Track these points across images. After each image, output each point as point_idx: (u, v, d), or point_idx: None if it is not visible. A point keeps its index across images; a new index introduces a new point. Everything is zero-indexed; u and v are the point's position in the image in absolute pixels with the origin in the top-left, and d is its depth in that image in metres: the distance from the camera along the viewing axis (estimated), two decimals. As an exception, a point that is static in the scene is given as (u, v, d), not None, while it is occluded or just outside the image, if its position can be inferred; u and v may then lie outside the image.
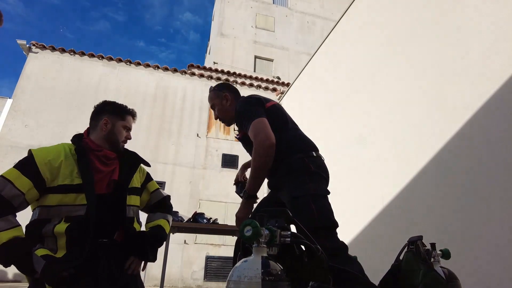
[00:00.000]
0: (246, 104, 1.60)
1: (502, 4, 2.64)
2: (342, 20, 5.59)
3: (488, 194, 2.43)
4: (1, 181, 1.31)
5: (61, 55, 7.78)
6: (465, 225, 2.48)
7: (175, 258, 6.82)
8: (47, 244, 1.35)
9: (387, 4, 4.28)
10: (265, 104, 1.67)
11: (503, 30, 2.58)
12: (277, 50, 12.97)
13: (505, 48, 2.54)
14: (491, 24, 2.71)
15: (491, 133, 2.53)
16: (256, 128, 1.46)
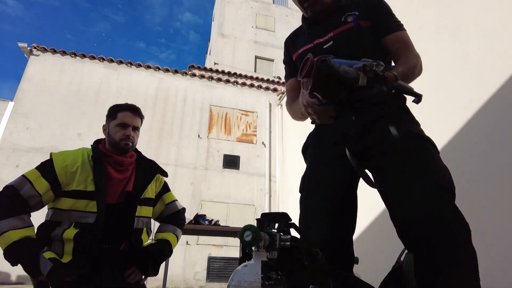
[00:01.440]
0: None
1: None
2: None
3: (492, 195, 2.42)
4: (21, 180, 1.36)
5: (62, 57, 7.80)
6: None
7: (178, 259, 6.84)
8: (54, 248, 1.37)
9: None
10: None
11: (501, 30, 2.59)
12: (277, 50, 12.96)
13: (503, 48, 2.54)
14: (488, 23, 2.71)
15: (493, 135, 2.53)
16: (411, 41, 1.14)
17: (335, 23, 1.17)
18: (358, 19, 1.15)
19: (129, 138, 1.53)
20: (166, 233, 1.67)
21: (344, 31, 1.14)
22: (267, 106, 8.69)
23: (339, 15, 1.18)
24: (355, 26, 1.14)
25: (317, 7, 1.17)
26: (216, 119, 8.37)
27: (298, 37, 1.31)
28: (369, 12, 1.16)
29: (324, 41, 1.17)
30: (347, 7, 1.20)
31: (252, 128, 8.54)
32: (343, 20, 1.16)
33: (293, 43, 1.34)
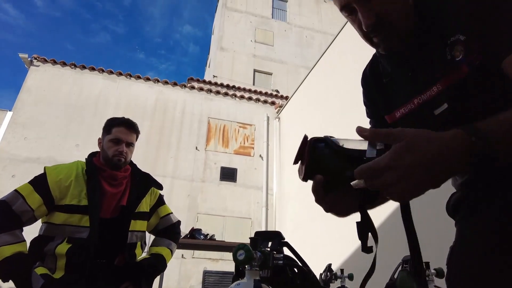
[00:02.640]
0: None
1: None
2: (339, 35, 5.70)
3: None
4: (14, 195, 1.35)
5: (62, 68, 7.87)
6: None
7: (173, 273, 6.75)
8: (47, 263, 1.36)
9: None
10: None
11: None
12: (276, 63, 13.13)
13: None
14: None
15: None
16: None
17: (440, 62, 0.70)
18: (469, 52, 0.66)
19: (122, 154, 1.52)
20: (161, 247, 1.67)
21: (459, 82, 0.68)
22: (265, 119, 8.75)
23: (439, 42, 0.71)
24: (472, 72, 0.66)
25: (394, 42, 0.73)
26: (214, 132, 8.40)
27: (380, 81, 0.86)
28: (476, 26, 0.66)
29: (430, 99, 0.72)
30: (444, 25, 0.70)
31: (250, 140, 8.57)
32: (450, 56, 0.68)
33: (375, 89, 0.88)
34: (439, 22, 0.71)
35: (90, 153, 1.61)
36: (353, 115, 4.61)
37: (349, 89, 4.91)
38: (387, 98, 0.84)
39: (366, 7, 0.68)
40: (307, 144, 0.63)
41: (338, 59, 5.69)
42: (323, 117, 5.93)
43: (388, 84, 0.82)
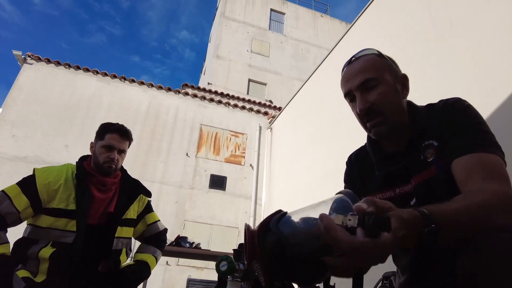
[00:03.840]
0: (483, 120, 0.85)
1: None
2: (334, 50, 5.81)
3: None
4: (1, 196, 1.34)
5: (56, 67, 7.81)
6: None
7: (156, 280, 6.65)
8: (29, 266, 1.34)
9: (378, 37, 4.48)
10: None
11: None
12: (270, 74, 13.26)
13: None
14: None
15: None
16: (504, 171, 0.75)
17: (415, 162, 0.86)
18: (439, 156, 0.83)
19: (113, 161, 1.51)
20: (146, 254, 1.66)
21: (425, 181, 0.84)
22: (257, 129, 8.79)
23: (418, 143, 0.88)
24: (438, 175, 0.82)
25: (382, 129, 0.88)
26: (205, 139, 8.40)
27: (367, 167, 1.00)
28: (445, 132, 0.84)
29: (407, 192, 0.87)
30: (427, 128, 0.88)
31: (241, 149, 8.59)
32: (423, 157, 0.85)
33: (359, 172, 1.03)
34: (422, 128, 0.88)
35: (81, 157, 1.60)
36: (343, 130, 4.68)
37: (340, 104, 4.98)
38: (368, 182, 0.98)
39: (363, 96, 0.87)
40: (256, 243, 0.51)
41: (332, 74, 5.78)
42: (314, 130, 5.99)
43: (373, 171, 0.96)
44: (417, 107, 0.94)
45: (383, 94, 0.86)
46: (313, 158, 5.70)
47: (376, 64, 0.89)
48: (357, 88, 0.88)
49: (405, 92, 0.93)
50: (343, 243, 0.47)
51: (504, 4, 2.73)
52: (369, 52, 0.93)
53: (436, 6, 3.58)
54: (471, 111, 0.85)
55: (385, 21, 4.50)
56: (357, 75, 0.88)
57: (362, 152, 1.07)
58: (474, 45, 2.96)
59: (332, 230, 0.47)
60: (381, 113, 0.87)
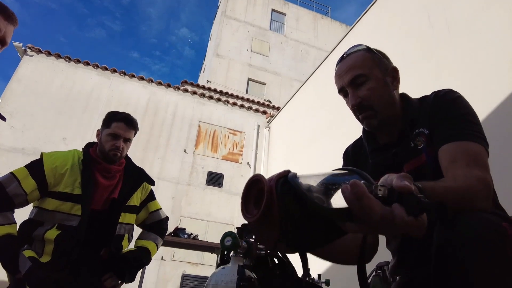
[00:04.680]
0: (472, 111, 0.89)
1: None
2: (334, 52, 5.87)
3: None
4: (9, 178, 1.37)
5: (56, 60, 7.82)
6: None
7: (151, 274, 6.68)
8: (35, 247, 1.38)
9: (378, 40, 4.55)
10: None
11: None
12: (270, 74, 13.32)
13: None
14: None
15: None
16: (486, 161, 0.80)
17: (406, 150, 0.91)
18: (429, 144, 0.88)
19: (118, 149, 1.54)
20: (147, 241, 1.70)
21: (416, 169, 0.88)
22: (255, 128, 8.84)
23: (409, 132, 0.92)
24: (427, 162, 0.87)
25: (373, 122, 0.93)
26: (203, 136, 8.43)
27: (362, 157, 1.05)
28: (435, 121, 0.89)
29: None
30: (418, 117, 0.93)
31: (239, 147, 8.63)
32: (413, 145, 0.90)
33: (355, 162, 1.08)
34: (413, 118, 0.93)
35: (87, 144, 1.64)
36: (340, 131, 4.74)
37: (338, 106, 5.05)
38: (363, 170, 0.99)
39: (354, 92, 0.94)
40: (275, 195, 0.46)
41: (331, 76, 5.83)
42: (312, 130, 6.05)
43: (366, 160, 1.01)
44: (410, 99, 1.00)
45: (372, 90, 0.92)
46: (310, 158, 5.76)
47: (365, 61, 0.95)
48: (348, 84, 0.94)
49: (395, 84, 0.98)
50: (375, 214, 0.43)
51: (504, 8, 2.80)
52: (359, 48, 0.98)
53: (434, 10, 3.65)
54: (461, 102, 0.89)
55: (384, 24, 4.57)
56: (348, 72, 0.94)
57: (358, 143, 1.13)
58: (473, 49, 3.03)
59: (365, 198, 0.43)
60: (371, 107, 0.93)
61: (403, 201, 0.45)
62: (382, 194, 0.45)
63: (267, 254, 0.85)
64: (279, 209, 0.45)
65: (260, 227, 0.48)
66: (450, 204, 0.62)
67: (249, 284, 0.72)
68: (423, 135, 0.90)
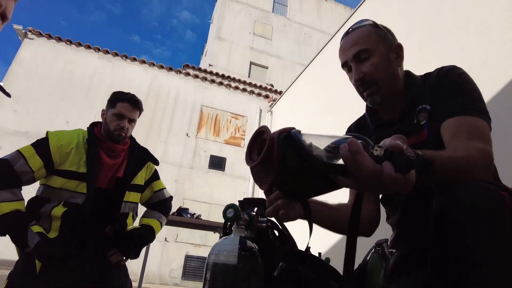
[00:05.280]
0: (475, 86, 0.89)
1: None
2: (337, 35, 5.79)
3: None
4: (16, 156, 1.40)
5: (57, 43, 7.76)
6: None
7: (155, 255, 6.83)
8: (42, 223, 1.42)
9: (381, 22, 4.49)
10: None
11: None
12: (272, 58, 13.18)
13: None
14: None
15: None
16: (488, 135, 0.81)
17: (408, 126, 0.91)
18: (431, 119, 0.88)
19: (123, 129, 1.56)
20: (151, 219, 1.74)
21: (418, 143, 0.88)
22: (257, 112, 8.83)
23: (412, 109, 0.93)
24: (429, 137, 0.88)
25: (377, 98, 0.94)
26: (206, 120, 8.44)
27: (364, 134, 0.98)
28: (438, 97, 0.89)
29: None
30: (421, 94, 0.93)
31: (241, 131, 8.65)
32: (416, 121, 0.91)
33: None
34: (416, 94, 0.93)
35: (91, 123, 1.66)
36: (342, 115, 4.74)
37: (341, 89, 5.02)
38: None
39: (357, 67, 0.93)
40: (276, 145, 0.51)
41: (334, 59, 5.78)
42: (314, 114, 6.04)
43: (370, 137, 0.96)
44: (414, 76, 0.99)
45: (376, 65, 0.92)
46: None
47: (370, 35, 0.94)
48: (352, 59, 0.93)
49: (399, 61, 0.98)
50: (366, 170, 0.46)
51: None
52: (365, 23, 0.98)
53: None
54: (464, 77, 0.89)
55: (389, 7, 4.49)
56: (352, 46, 0.93)
57: (361, 121, 1.13)
58: (478, 33, 2.99)
59: (359, 154, 0.46)
60: (374, 83, 0.92)
61: (393, 159, 0.48)
62: (377, 154, 0.48)
63: (268, 227, 0.87)
64: (277, 157, 0.50)
65: (259, 171, 0.54)
66: (450, 174, 0.66)
67: (250, 254, 0.75)
68: (425, 111, 0.91)
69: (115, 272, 1.51)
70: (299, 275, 0.86)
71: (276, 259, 0.87)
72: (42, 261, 1.33)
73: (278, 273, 0.84)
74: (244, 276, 0.72)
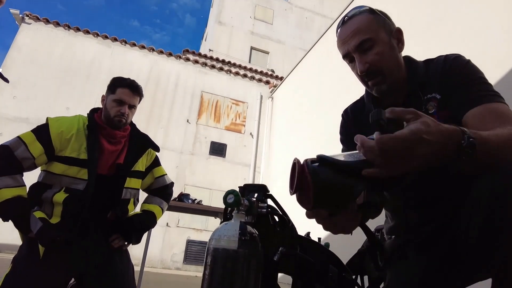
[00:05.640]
0: (482, 73, 0.89)
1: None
2: (339, 19, 5.70)
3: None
4: (16, 142, 1.40)
5: (55, 28, 7.67)
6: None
7: (156, 240, 6.93)
8: (44, 209, 1.43)
9: (384, 7, 4.40)
10: None
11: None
12: (273, 43, 13.02)
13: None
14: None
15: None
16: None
17: None
18: (441, 108, 0.87)
19: (123, 115, 1.54)
20: (153, 205, 1.75)
21: None
22: (258, 98, 8.78)
23: (418, 97, 0.91)
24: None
25: (383, 87, 0.91)
26: (206, 106, 8.41)
27: (363, 120, 1.00)
28: (449, 89, 0.86)
29: None
30: (428, 82, 0.91)
31: (242, 118, 8.63)
32: (424, 110, 0.88)
33: (355, 125, 1.05)
34: (421, 82, 0.91)
35: (91, 109, 1.64)
36: (343, 100, 4.70)
37: (342, 75, 4.98)
38: (364, 135, 0.96)
39: (362, 58, 0.90)
40: (306, 169, 0.60)
41: (335, 44, 5.71)
42: (315, 100, 6.01)
43: (368, 124, 0.93)
44: (416, 62, 0.97)
45: (380, 54, 0.89)
46: (313, 127, 5.76)
47: (370, 23, 0.90)
48: (354, 50, 0.90)
49: (400, 46, 0.95)
50: (367, 145, 0.58)
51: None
52: (362, 9, 0.94)
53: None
54: (473, 65, 0.88)
55: (393, -12, 4.40)
56: (353, 37, 0.89)
57: (358, 106, 1.10)
58: (483, 16, 2.94)
59: (359, 139, 0.59)
60: (380, 72, 0.90)
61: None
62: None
63: (268, 213, 0.88)
64: (310, 174, 0.59)
65: (302, 197, 0.63)
66: (495, 149, 0.64)
67: (250, 239, 0.76)
68: (434, 100, 0.89)
69: (117, 256, 1.53)
70: (299, 260, 0.87)
71: (276, 244, 0.88)
72: (45, 246, 1.35)
73: (278, 257, 0.85)
74: (244, 261, 0.73)
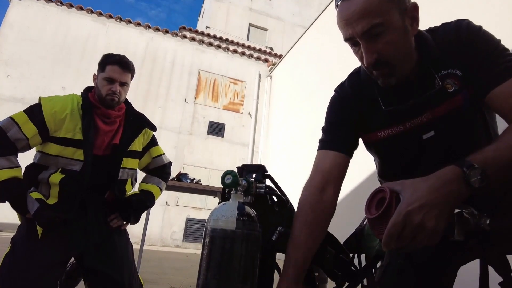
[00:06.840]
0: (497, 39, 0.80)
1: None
2: (339, -5, 5.55)
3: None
4: (9, 123, 1.36)
5: (47, 4, 7.44)
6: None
7: (156, 219, 7.02)
8: (41, 190, 1.42)
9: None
10: None
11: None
12: (272, 20, 12.71)
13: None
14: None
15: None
16: None
17: (432, 94, 0.79)
18: (463, 87, 0.78)
19: (115, 94, 1.48)
20: (151, 184, 1.74)
21: (449, 113, 0.79)
22: (256, 77, 8.67)
23: (431, 75, 0.80)
24: (465, 105, 0.77)
25: (391, 81, 0.80)
26: (204, 85, 8.31)
27: (365, 99, 0.91)
28: (472, 64, 0.77)
29: (421, 125, 0.82)
30: (440, 57, 0.80)
31: (240, 97, 8.55)
32: (441, 88, 0.79)
33: (358, 105, 0.93)
34: (435, 58, 0.80)
35: (85, 88, 1.60)
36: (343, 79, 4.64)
37: (342, 53, 4.89)
38: (369, 116, 0.90)
39: (369, 46, 0.75)
40: (394, 205, 0.63)
41: (335, 21, 5.58)
42: (314, 79, 5.93)
43: (376, 102, 0.86)
44: (426, 37, 0.83)
45: (391, 43, 0.75)
46: (312, 106, 5.72)
47: (381, 2, 0.73)
48: (361, 36, 0.75)
49: (415, 27, 0.80)
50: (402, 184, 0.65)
51: None
52: None
53: None
54: (487, 32, 0.79)
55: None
56: (360, 19, 0.74)
57: (355, 83, 0.95)
58: (483, 17, 2.85)
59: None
60: (389, 64, 0.77)
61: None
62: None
63: (266, 193, 0.87)
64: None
65: (377, 223, 0.65)
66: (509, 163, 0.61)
67: (248, 219, 0.75)
68: (454, 77, 0.78)
69: (116, 236, 1.54)
70: (297, 239, 0.87)
71: (274, 224, 0.88)
72: (42, 226, 1.34)
73: (277, 237, 0.85)
74: (242, 241, 0.73)
